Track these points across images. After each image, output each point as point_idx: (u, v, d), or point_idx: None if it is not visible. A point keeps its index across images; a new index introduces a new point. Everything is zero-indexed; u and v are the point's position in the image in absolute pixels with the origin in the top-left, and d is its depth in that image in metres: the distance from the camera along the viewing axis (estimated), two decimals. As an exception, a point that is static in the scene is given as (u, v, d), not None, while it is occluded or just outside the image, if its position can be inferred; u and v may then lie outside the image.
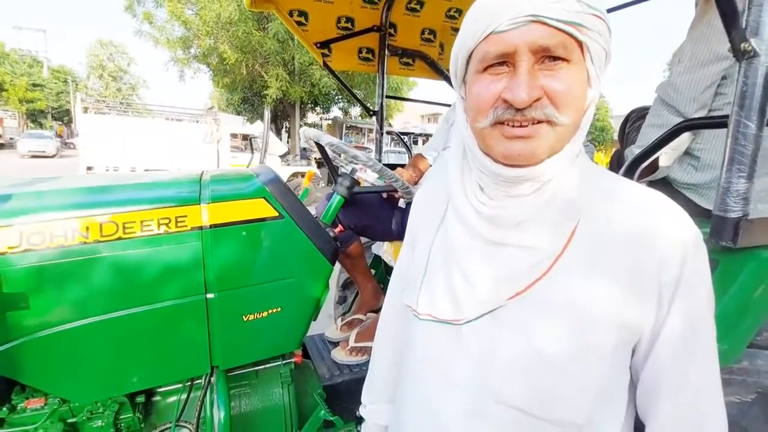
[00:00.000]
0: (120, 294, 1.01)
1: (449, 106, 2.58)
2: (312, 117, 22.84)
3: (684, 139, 1.08)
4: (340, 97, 17.43)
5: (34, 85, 34.73)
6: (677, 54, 1.13)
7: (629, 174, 1.06)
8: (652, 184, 1.18)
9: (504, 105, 0.51)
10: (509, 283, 0.55)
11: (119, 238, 0.99)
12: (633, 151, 1.13)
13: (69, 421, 1.10)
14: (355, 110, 18.96)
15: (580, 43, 0.49)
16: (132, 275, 1.01)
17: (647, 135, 1.16)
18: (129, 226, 1.00)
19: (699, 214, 1.10)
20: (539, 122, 0.50)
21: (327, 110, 19.70)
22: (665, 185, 1.19)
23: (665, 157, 1.11)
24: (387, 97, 2.67)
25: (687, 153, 1.14)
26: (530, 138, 0.51)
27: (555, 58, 0.49)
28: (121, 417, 1.15)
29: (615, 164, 1.57)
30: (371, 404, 0.85)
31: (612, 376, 0.53)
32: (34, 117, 36.58)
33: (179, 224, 1.05)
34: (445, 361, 0.59)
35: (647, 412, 0.55)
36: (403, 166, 2.34)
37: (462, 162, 0.63)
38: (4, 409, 1.03)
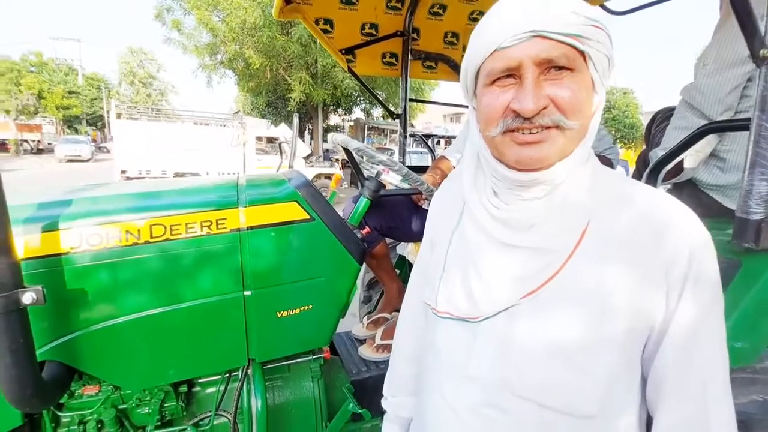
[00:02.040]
0: (167, 291, 1.09)
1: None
2: (334, 119, 23.09)
3: (710, 141, 1.09)
4: (362, 98, 17.57)
5: (70, 92, 36.40)
6: (702, 57, 1.13)
7: (653, 176, 1.07)
8: (677, 185, 1.19)
9: (513, 114, 0.54)
10: (523, 283, 0.58)
11: (167, 239, 1.07)
12: (657, 153, 1.14)
13: (120, 407, 1.20)
14: (377, 111, 19.07)
15: (581, 52, 0.52)
16: (178, 273, 1.09)
17: (672, 137, 1.16)
18: (175, 228, 1.08)
19: (725, 214, 1.10)
20: (548, 128, 0.53)
21: (349, 112, 19.89)
22: (691, 186, 1.19)
23: (690, 159, 1.11)
24: (410, 100, 2.71)
25: (713, 155, 1.14)
26: (540, 143, 0.54)
27: (559, 68, 0.52)
28: (166, 405, 1.24)
29: (641, 164, 1.57)
30: (392, 397, 0.90)
31: (623, 366, 0.55)
32: (70, 123, 38.36)
33: (219, 226, 1.12)
34: (463, 355, 0.63)
35: (654, 406, 0.57)
36: (425, 168, 2.38)
37: (476, 168, 0.67)
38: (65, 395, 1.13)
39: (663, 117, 1.48)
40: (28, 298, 0.80)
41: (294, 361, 1.40)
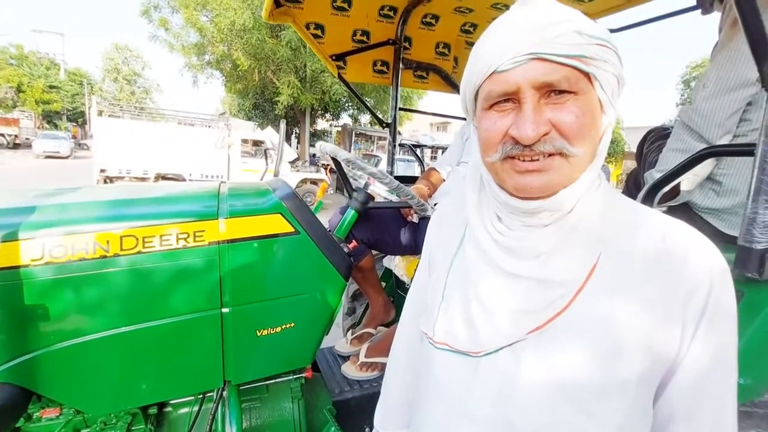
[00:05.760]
0: (137, 307, 1.01)
1: (463, 119, 2.58)
2: (322, 124, 22.98)
3: (706, 165, 1.07)
4: (350, 104, 17.54)
5: (51, 86, 35.49)
6: (701, 79, 1.12)
7: (649, 198, 1.05)
8: (672, 208, 1.17)
9: (512, 141, 0.51)
10: (529, 317, 0.54)
11: (139, 252, 1.00)
12: (653, 176, 1.12)
13: (83, 431, 1.11)
14: (365, 118, 19.06)
15: (586, 74, 0.49)
16: (150, 289, 1.02)
17: (669, 160, 1.14)
18: (148, 240, 1.00)
19: (720, 238, 1.09)
20: (551, 155, 0.50)
21: (337, 117, 19.82)
22: (685, 210, 1.17)
23: (687, 182, 1.09)
24: (400, 109, 2.68)
25: (709, 178, 1.12)
26: (542, 171, 0.51)
27: (561, 92, 0.49)
28: (134, 428, 1.15)
29: (632, 184, 1.56)
30: (383, 430, 0.83)
31: (636, 412, 0.51)
32: (50, 118, 37.29)
33: (197, 239, 1.05)
34: (462, 392, 0.59)
35: None
36: (413, 177, 2.34)
37: (479, 190, 0.63)
38: (21, 418, 1.03)
39: (656, 136, 1.47)
40: (-26, 317, 0.71)
41: (273, 381, 1.32)
